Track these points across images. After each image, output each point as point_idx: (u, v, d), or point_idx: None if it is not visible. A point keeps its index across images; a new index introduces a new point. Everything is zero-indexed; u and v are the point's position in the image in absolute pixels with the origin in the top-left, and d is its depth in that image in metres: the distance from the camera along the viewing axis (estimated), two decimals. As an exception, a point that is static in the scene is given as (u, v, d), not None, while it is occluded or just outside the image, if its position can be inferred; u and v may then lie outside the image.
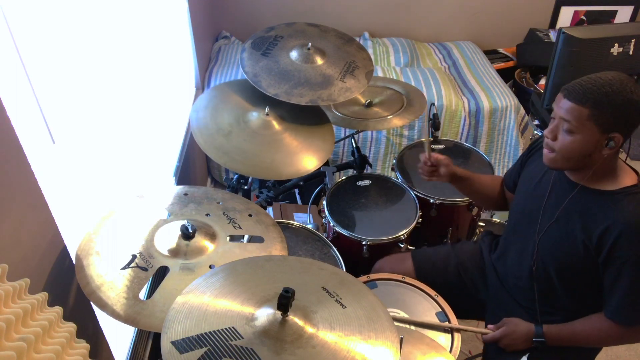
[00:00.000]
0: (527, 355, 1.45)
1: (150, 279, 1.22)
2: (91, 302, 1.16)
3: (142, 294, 1.17)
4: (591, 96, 1.22)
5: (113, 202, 1.38)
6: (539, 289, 1.45)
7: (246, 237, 1.40)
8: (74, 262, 1.20)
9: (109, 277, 1.17)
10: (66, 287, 1.20)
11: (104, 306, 1.12)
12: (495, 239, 1.71)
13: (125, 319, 1.12)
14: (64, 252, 1.19)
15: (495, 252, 1.66)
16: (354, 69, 1.86)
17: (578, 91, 1.24)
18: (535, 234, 1.43)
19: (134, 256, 1.22)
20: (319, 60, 1.85)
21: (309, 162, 1.69)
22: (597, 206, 1.30)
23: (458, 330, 1.44)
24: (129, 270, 1.19)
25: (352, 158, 2.20)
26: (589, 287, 1.37)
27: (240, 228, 1.39)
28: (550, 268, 1.41)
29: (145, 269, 1.20)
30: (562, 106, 1.26)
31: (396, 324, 1.36)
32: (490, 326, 1.51)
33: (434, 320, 1.46)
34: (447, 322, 1.46)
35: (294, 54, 1.85)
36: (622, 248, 1.25)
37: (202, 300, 1.05)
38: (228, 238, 1.35)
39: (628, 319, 1.32)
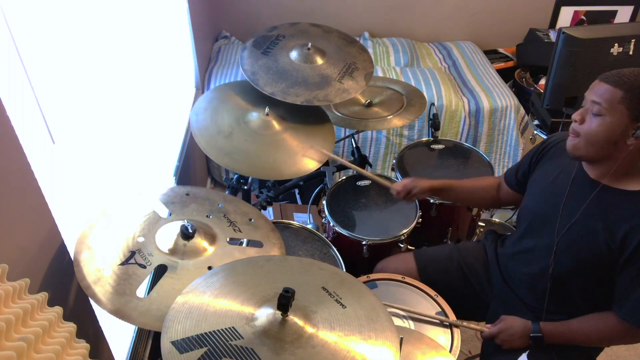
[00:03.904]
0: (526, 352, 1.44)
1: (149, 276, 1.22)
2: (91, 302, 1.16)
3: (140, 291, 1.17)
4: (628, 80, 1.22)
5: (114, 199, 1.38)
6: (552, 288, 1.44)
7: (245, 241, 1.40)
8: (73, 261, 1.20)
9: (107, 272, 1.17)
10: (66, 286, 1.20)
11: (99, 301, 1.13)
12: (500, 237, 1.71)
13: (122, 315, 1.12)
14: (64, 251, 1.19)
15: (503, 250, 1.65)
16: (353, 70, 1.86)
17: (615, 75, 1.25)
18: (554, 233, 1.40)
19: (133, 253, 1.23)
20: (319, 61, 1.85)
21: (309, 161, 1.69)
22: (621, 206, 1.29)
23: (456, 325, 1.44)
24: (127, 267, 1.19)
25: (352, 158, 2.20)
26: (604, 287, 1.36)
27: (240, 232, 1.39)
28: (567, 267, 1.39)
29: (144, 266, 1.20)
30: (596, 89, 1.26)
31: (395, 321, 1.37)
32: (488, 325, 1.51)
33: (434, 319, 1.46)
34: (451, 319, 1.46)
35: (293, 54, 1.85)
36: None
37: (202, 300, 1.05)
38: (227, 240, 1.35)
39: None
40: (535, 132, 2.33)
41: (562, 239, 1.39)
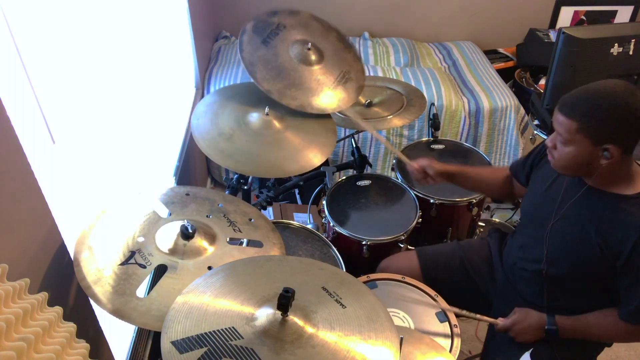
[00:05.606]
0: (529, 351, 1.44)
1: (149, 276, 1.22)
2: (91, 302, 1.16)
3: (140, 291, 1.17)
4: (579, 109, 1.22)
5: (114, 199, 1.38)
6: (548, 288, 1.44)
7: (245, 241, 1.40)
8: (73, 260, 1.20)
9: (107, 272, 1.17)
10: (66, 286, 1.20)
11: (99, 301, 1.13)
12: (505, 235, 1.71)
13: (122, 315, 1.12)
14: (64, 251, 1.19)
15: (507, 248, 1.65)
16: (347, 80, 1.87)
17: (568, 104, 1.25)
18: (547, 235, 1.42)
19: (133, 253, 1.22)
20: (316, 64, 1.85)
21: (313, 157, 1.70)
22: (613, 210, 1.29)
23: (470, 317, 1.46)
24: (127, 267, 1.19)
25: (352, 158, 2.20)
26: (601, 288, 1.37)
27: (240, 232, 1.39)
28: (562, 269, 1.40)
29: (144, 266, 1.20)
30: (556, 119, 1.28)
31: (396, 321, 1.37)
32: (500, 318, 1.50)
33: (434, 319, 1.46)
34: (464, 311, 1.48)
35: (293, 51, 1.84)
36: None
37: (202, 300, 1.05)
38: (227, 240, 1.35)
39: None
40: (535, 132, 2.33)
41: (554, 240, 1.40)
